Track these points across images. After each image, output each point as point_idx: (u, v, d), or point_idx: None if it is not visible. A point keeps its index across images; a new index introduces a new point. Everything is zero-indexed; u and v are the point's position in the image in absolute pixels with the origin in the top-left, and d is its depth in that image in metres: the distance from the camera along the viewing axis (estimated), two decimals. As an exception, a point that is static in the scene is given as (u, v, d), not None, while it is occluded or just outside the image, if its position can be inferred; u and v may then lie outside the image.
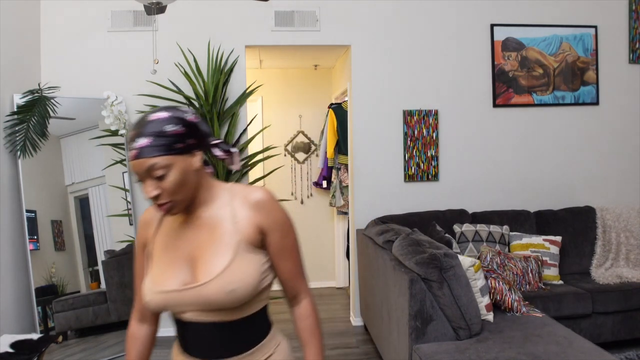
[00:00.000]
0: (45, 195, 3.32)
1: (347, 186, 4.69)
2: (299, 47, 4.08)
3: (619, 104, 4.16)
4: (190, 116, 1.10)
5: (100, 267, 3.46)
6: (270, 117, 5.26)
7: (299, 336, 1.27)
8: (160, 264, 1.15)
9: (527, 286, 3.28)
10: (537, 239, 3.56)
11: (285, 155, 5.32)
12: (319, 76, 5.33)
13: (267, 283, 1.16)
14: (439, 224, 3.46)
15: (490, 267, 3.13)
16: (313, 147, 5.36)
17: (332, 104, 4.89)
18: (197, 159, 1.10)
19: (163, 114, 1.06)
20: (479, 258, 3.35)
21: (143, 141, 1.03)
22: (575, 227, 3.80)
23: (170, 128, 1.05)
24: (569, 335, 2.38)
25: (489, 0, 4.00)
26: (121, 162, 3.61)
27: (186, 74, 3.57)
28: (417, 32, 3.96)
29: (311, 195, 5.35)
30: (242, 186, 1.20)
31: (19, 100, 3.22)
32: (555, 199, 4.08)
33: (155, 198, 1.07)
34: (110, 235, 3.54)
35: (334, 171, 4.93)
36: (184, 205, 1.11)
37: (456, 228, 3.61)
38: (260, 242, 1.14)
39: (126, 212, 3.63)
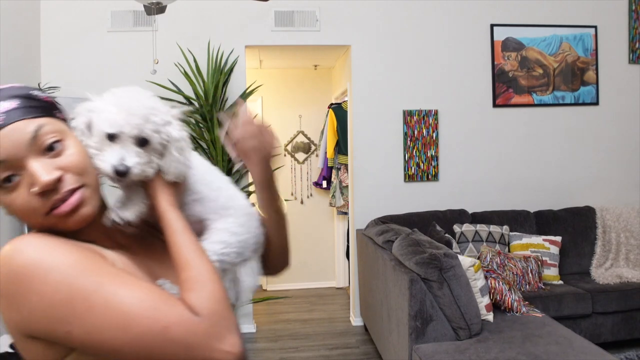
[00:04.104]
0: (45, 195, 3.31)
1: (347, 186, 4.69)
2: (299, 47, 4.08)
3: (619, 104, 4.16)
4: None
5: (100, 267, 3.46)
6: (270, 117, 5.26)
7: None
8: None
9: (527, 286, 3.29)
10: (537, 239, 3.56)
11: (285, 155, 5.32)
12: (319, 76, 5.33)
13: None
14: (439, 224, 3.46)
15: (490, 267, 3.13)
16: (313, 147, 5.36)
17: (332, 104, 4.89)
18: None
19: (13, 84, 0.74)
20: (478, 258, 3.35)
21: (6, 104, 0.68)
22: (575, 227, 3.80)
23: (38, 93, 0.74)
24: (569, 335, 2.38)
25: (489, 0, 4.00)
26: (121, 162, 3.61)
27: (186, 74, 3.57)
28: (417, 32, 3.96)
29: (311, 195, 5.35)
30: None
31: (19, 100, 3.22)
32: (555, 199, 4.08)
33: (54, 190, 0.69)
34: (110, 235, 3.53)
35: (334, 171, 4.93)
36: (98, 198, 0.75)
37: (456, 228, 3.61)
38: None
39: (126, 212, 3.62)
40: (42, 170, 0.67)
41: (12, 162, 0.67)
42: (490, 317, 2.57)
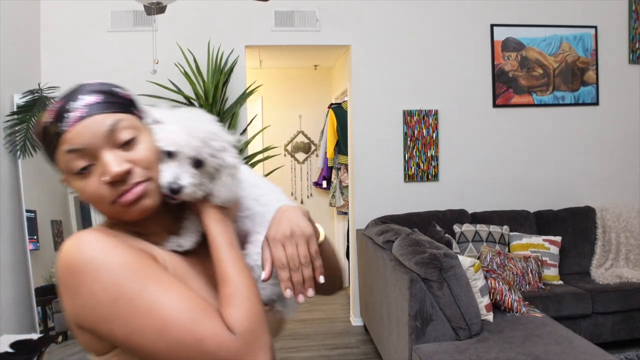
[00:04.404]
0: (45, 195, 3.31)
1: (347, 186, 4.69)
2: (299, 47, 4.08)
3: (619, 104, 4.16)
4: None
5: (100, 267, 3.46)
6: (270, 117, 5.26)
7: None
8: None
9: (527, 286, 3.28)
10: (537, 239, 3.56)
11: (285, 155, 5.32)
12: (319, 76, 5.33)
13: None
14: (439, 224, 3.46)
15: (490, 267, 3.13)
16: (313, 147, 5.36)
17: (332, 104, 4.89)
18: None
19: (99, 80, 0.81)
20: (478, 258, 3.35)
21: (89, 98, 0.75)
22: (575, 227, 3.79)
23: (120, 90, 0.79)
24: (568, 335, 2.38)
25: (489, 0, 4.00)
26: (121, 162, 3.61)
27: (186, 74, 3.57)
28: (417, 32, 3.95)
29: (311, 195, 5.35)
30: None
31: (19, 100, 3.22)
32: (555, 199, 4.08)
33: (122, 181, 0.73)
34: (110, 235, 3.54)
35: (334, 171, 4.93)
36: (160, 193, 0.77)
37: (456, 228, 3.61)
38: None
39: (126, 212, 3.62)
40: (114, 161, 0.72)
41: (89, 151, 0.73)
42: (490, 317, 2.57)
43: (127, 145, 0.74)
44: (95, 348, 0.73)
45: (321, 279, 0.83)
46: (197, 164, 0.77)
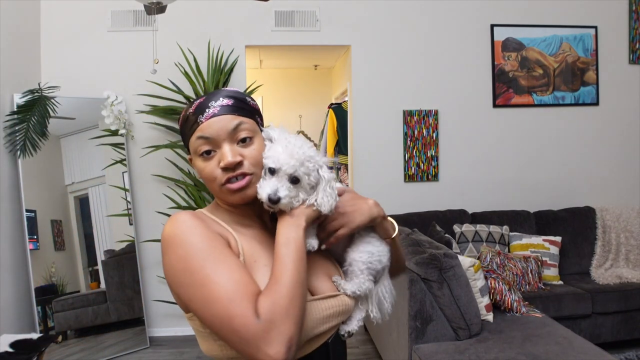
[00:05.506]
0: (45, 195, 3.32)
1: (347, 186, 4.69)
2: (299, 47, 4.08)
3: (619, 105, 4.16)
4: None
5: (100, 267, 3.46)
6: (270, 117, 5.26)
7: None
8: None
9: (527, 286, 3.28)
10: (537, 239, 3.56)
11: (285, 155, 5.32)
12: (319, 76, 5.33)
13: None
14: (439, 224, 3.46)
15: (490, 267, 3.13)
16: (313, 147, 5.37)
17: (332, 104, 4.89)
18: None
19: (235, 89, 1.00)
20: (478, 258, 3.35)
21: (225, 101, 0.94)
22: (575, 227, 3.79)
23: (250, 100, 0.99)
24: (568, 335, 2.38)
25: (489, 0, 4.00)
26: (121, 161, 3.61)
27: (186, 74, 3.57)
28: (417, 32, 3.95)
29: (311, 195, 5.35)
30: None
31: (19, 100, 3.22)
32: (555, 199, 4.08)
33: (232, 169, 0.92)
34: (110, 235, 3.54)
35: (333, 171, 4.94)
36: (256, 189, 0.94)
37: (456, 228, 3.61)
38: None
39: (126, 212, 3.63)
40: (229, 153, 0.91)
41: (214, 141, 0.93)
42: (490, 317, 2.57)
43: (244, 143, 0.93)
44: (182, 305, 0.91)
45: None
46: (294, 180, 0.92)
